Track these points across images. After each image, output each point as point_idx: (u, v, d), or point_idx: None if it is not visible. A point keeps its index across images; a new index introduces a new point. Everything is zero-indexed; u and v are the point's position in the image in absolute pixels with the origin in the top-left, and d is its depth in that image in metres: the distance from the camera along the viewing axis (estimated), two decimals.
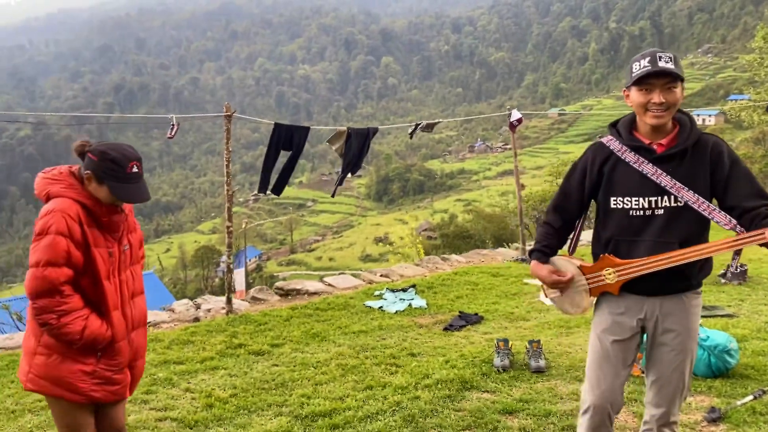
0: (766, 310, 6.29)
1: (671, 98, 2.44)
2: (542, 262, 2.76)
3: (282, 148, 6.86)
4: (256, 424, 3.90)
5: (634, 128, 2.60)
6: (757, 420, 3.66)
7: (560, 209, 2.79)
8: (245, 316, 6.66)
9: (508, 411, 3.93)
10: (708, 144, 2.52)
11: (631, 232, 2.55)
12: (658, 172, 2.48)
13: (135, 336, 2.71)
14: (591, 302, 2.73)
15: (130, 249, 2.71)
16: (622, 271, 2.55)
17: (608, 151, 2.62)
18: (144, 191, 2.56)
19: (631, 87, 2.50)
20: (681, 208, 2.48)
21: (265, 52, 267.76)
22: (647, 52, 2.48)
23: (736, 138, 56.60)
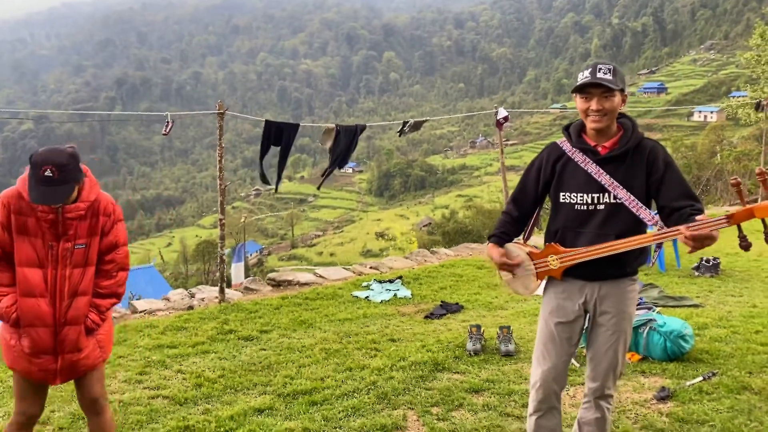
0: (731, 301, 6.61)
1: (608, 106, 2.72)
2: (497, 245, 3.06)
3: (273, 143, 7.17)
4: (241, 401, 4.21)
5: (583, 131, 2.89)
6: (702, 398, 3.97)
7: (518, 201, 3.08)
8: (237, 304, 6.98)
9: (475, 390, 4.24)
10: (646, 148, 2.80)
11: (576, 224, 2.84)
12: (600, 172, 2.77)
13: (67, 331, 2.85)
14: (538, 285, 3.02)
15: (86, 249, 2.85)
16: (564, 258, 2.84)
17: (561, 151, 2.92)
18: (52, 196, 2.66)
19: (575, 93, 2.79)
20: (619, 205, 2.76)
21: (267, 46, 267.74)
22: (591, 64, 2.77)
23: (736, 135, 56.79)
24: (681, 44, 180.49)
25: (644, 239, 2.70)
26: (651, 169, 2.76)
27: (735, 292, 7.15)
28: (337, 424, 3.82)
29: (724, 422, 3.61)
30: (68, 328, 2.86)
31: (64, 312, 2.84)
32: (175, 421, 3.90)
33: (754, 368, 4.44)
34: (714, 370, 4.36)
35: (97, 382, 3.07)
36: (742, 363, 4.55)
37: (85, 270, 2.87)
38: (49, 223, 2.77)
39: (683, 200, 2.68)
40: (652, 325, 4.67)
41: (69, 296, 2.84)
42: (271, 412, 4.03)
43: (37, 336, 2.81)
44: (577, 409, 3.59)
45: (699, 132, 71.94)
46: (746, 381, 4.19)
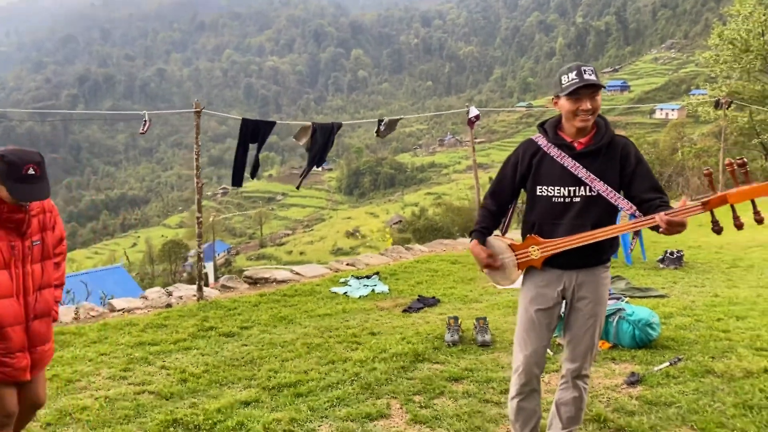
0: (694, 291, 6.91)
1: (595, 105, 2.90)
2: (480, 242, 3.22)
3: (250, 141, 7.22)
4: (227, 395, 4.30)
5: (559, 128, 3.06)
6: (669, 382, 4.19)
7: (496, 195, 3.24)
8: (215, 302, 7.03)
9: (455, 378, 4.40)
10: (619, 144, 2.99)
11: (553, 216, 3.01)
12: (577, 166, 2.94)
13: (37, 324, 2.97)
14: (519, 275, 3.19)
15: (42, 245, 2.99)
16: (544, 249, 3.01)
17: (536, 146, 3.08)
18: (40, 191, 2.79)
19: (561, 96, 2.93)
20: (594, 197, 2.94)
21: (233, 43, 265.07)
22: (573, 66, 2.91)
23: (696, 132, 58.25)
24: (643, 43, 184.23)
25: (623, 227, 2.89)
26: (624, 164, 2.94)
27: (697, 282, 7.47)
28: (323, 414, 3.93)
29: (689, 404, 3.83)
30: (38, 322, 2.97)
31: (33, 306, 2.94)
32: (163, 414, 3.97)
33: (716, 353, 4.69)
34: (679, 356, 4.59)
35: (44, 382, 3.18)
36: (705, 349, 4.80)
37: (43, 264, 3.00)
38: (15, 222, 2.84)
39: (652, 192, 2.88)
40: (621, 314, 4.89)
41: (34, 291, 2.95)
42: (257, 405, 4.13)
43: (14, 334, 2.87)
44: (551, 394, 3.78)
45: (661, 129, 73.66)
46: (709, 365, 4.43)
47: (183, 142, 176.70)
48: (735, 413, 3.67)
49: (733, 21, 31.51)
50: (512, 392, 3.17)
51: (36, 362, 2.99)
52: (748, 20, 30.46)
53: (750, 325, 5.37)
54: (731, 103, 21.53)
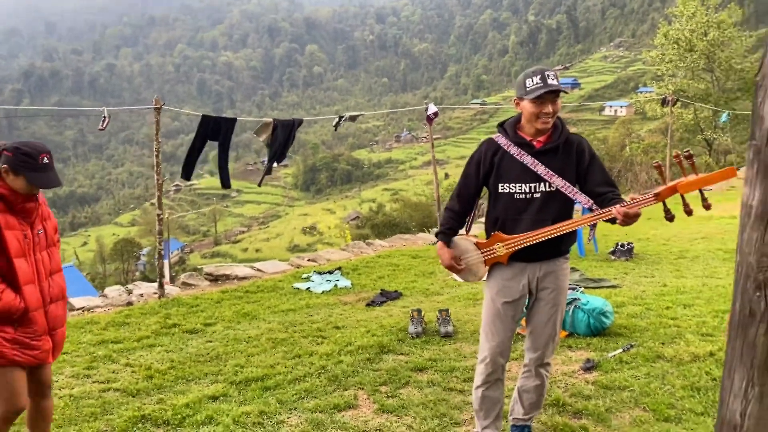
0: (645, 281, 7.22)
1: (556, 108, 3.04)
2: (446, 243, 3.33)
3: (210, 138, 7.19)
4: (194, 390, 4.33)
5: (518, 128, 3.20)
6: (623, 368, 4.41)
7: (462, 196, 3.34)
8: (177, 299, 7.00)
9: (419, 368, 4.53)
10: (574, 142, 3.15)
11: (515, 212, 3.14)
12: (536, 163, 3.08)
13: (54, 308, 3.11)
14: (486, 271, 3.32)
15: (45, 233, 3.12)
16: (509, 244, 3.15)
17: (497, 145, 3.21)
18: (56, 178, 2.98)
19: (524, 98, 3.04)
20: (553, 193, 3.09)
21: (186, 38, 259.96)
22: (537, 71, 3.03)
23: (644, 128, 59.95)
24: (593, 41, 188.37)
25: (583, 221, 3.05)
26: (579, 160, 3.10)
27: (647, 273, 7.79)
28: (292, 406, 4.01)
29: (641, 387, 4.05)
30: (54, 306, 3.11)
31: (47, 291, 3.07)
32: (130, 411, 3.98)
33: (666, 339, 4.94)
34: (632, 343, 4.83)
35: (49, 371, 3.26)
36: (656, 335, 5.05)
37: (49, 251, 3.14)
38: (28, 211, 2.98)
39: (605, 187, 3.05)
40: (576, 303, 5.09)
41: (47, 277, 3.08)
42: (225, 399, 4.17)
43: (39, 318, 3.00)
44: (512, 381, 3.94)
45: (610, 126, 75.44)
46: (660, 351, 4.67)
47: (134, 138, 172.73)
48: (683, 395, 3.90)
49: (677, 21, 32.59)
50: (477, 381, 3.30)
51: (56, 344, 3.15)
52: (692, 20, 31.56)
53: (696, 313, 5.66)
54: (677, 100, 22.30)
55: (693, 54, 31.46)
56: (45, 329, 3.05)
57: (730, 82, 32.40)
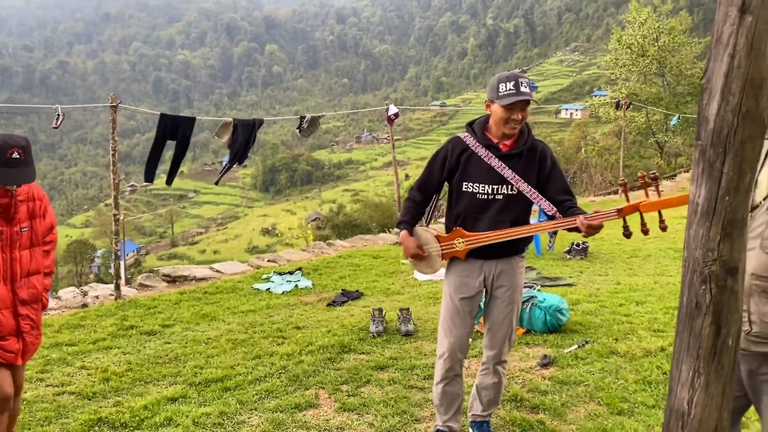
0: (599, 280, 7.41)
1: (525, 115, 3.10)
2: (410, 232, 3.38)
3: (169, 138, 7.09)
4: (153, 392, 4.27)
5: (487, 129, 3.26)
6: (578, 363, 4.53)
7: (423, 188, 3.40)
8: (134, 301, 6.88)
9: (380, 367, 4.56)
10: (538, 148, 3.23)
11: (476, 211, 3.20)
12: (503, 166, 3.14)
13: (26, 310, 3.01)
14: (443, 265, 3.38)
15: (31, 232, 3.01)
16: (469, 241, 3.21)
17: (465, 145, 3.25)
18: (25, 175, 2.85)
19: (495, 102, 3.08)
20: (515, 196, 3.16)
21: (141, 35, 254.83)
22: (511, 76, 3.07)
23: (598, 131, 61.38)
24: (549, 45, 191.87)
25: (545, 227, 3.14)
26: (542, 166, 3.18)
27: (601, 271, 8.00)
28: (253, 407, 3.99)
29: (596, 382, 4.16)
30: (27, 308, 3.02)
31: (20, 292, 2.98)
32: (86, 414, 3.90)
33: (619, 336, 5.09)
34: (587, 339, 4.96)
35: (21, 372, 3.17)
36: (610, 332, 5.19)
37: (32, 251, 3.04)
38: (2, 207, 2.89)
39: (564, 195, 3.15)
40: (533, 301, 5.21)
41: (22, 277, 2.99)
42: (184, 400, 4.12)
43: (4, 319, 2.92)
44: (471, 378, 4.01)
45: (566, 128, 77.01)
46: (613, 346, 4.81)
47: (88, 137, 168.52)
48: (636, 389, 4.03)
49: (630, 27, 33.49)
50: (437, 377, 3.35)
51: (27, 347, 3.06)
52: (643, 26, 32.47)
53: (648, 309, 5.84)
54: (630, 104, 22.91)
55: (645, 59, 32.37)
56: (11, 330, 2.96)
57: (680, 87, 33.43)
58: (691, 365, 1.58)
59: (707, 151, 1.51)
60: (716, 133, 1.49)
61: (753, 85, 1.45)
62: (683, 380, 1.60)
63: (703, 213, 1.54)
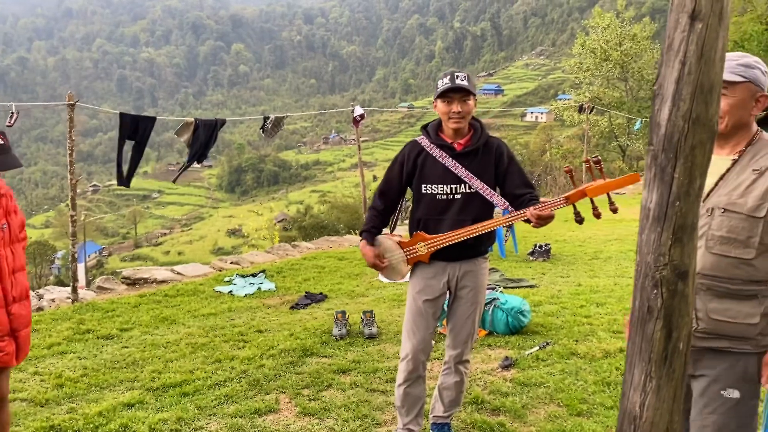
0: (561, 281, 7.50)
1: (466, 108, 3.12)
2: (370, 242, 3.36)
3: (128, 137, 6.94)
4: (108, 398, 4.16)
5: (440, 130, 3.27)
6: (539, 364, 4.56)
7: (384, 194, 3.40)
8: (92, 304, 6.71)
9: (342, 370, 4.53)
10: (494, 144, 3.25)
11: (437, 212, 3.21)
12: (457, 166, 3.16)
13: (17, 308, 2.94)
14: (408, 270, 3.37)
15: (9, 229, 2.94)
16: (431, 244, 3.20)
17: (420, 147, 3.27)
18: (13, 160, 2.84)
19: (437, 99, 3.15)
20: (473, 194, 3.17)
21: (105, 32, 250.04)
22: (448, 72, 3.15)
23: (563, 134, 62.29)
24: (515, 49, 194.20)
25: (498, 222, 3.14)
26: (498, 162, 3.20)
27: (563, 273, 8.10)
28: (211, 412, 3.92)
29: (557, 383, 4.20)
30: (18, 305, 2.94)
31: (10, 290, 2.90)
32: (38, 422, 3.78)
33: (579, 337, 5.15)
34: (548, 341, 5.00)
35: (6, 378, 3.08)
36: (570, 333, 5.25)
37: (13, 248, 2.96)
38: None
39: (523, 188, 3.17)
40: (496, 303, 5.23)
41: (9, 275, 2.91)
42: (141, 406, 4.03)
43: (1, 318, 2.85)
44: (433, 380, 4.01)
45: (531, 131, 77.97)
46: (574, 348, 4.86)
47: (48, 136, 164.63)
48: (595, 390, 4.07)
49: (593, 32, 34.11)
50: (400, 379, 3.34)
51: (20, 346, 2.98)
52: (606, 31, 33.10)
53: (608, 311, 5.92)
54: (593, 108, 23.30)
55: (608, 63, 33.01)
56: (7, 330, 2.88)
57: (642, 92, 34.18)
58: (643, 369, 1.59)
59: (659, 156, 1.52)
60: (667, 138, 1.50)
61: (703, 91, 1.47)
62: (635, 384, 1.61)
63: (654, 218, 1.55)
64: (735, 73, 2.08)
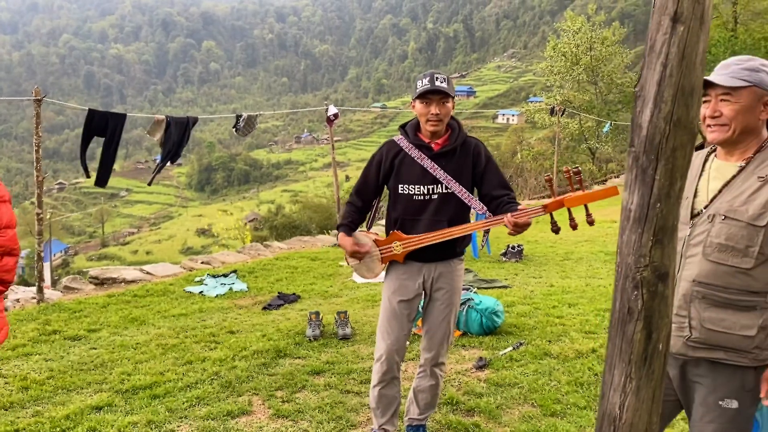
0: (533, 282, 7.56)
1: (444, 111, 3.12)
2: (348, 235, 3.33)
3: (97, 134, 6.78)
4: (76, 401, 4.06)
5: (418, 131, 3.26)
6: (513, 365, 4.58)
7: (361, 192, 3.38)
8: (58, 304, 6.56)
9: (316, 372, 4.49)
10: (471, 145, 3.25)
11: (413, 213, 3.20)
12: (434, 166, 3.15)
13: None
14: (382, 269, 3.35)
15: None
16: (406, 244, 3.19)
17: (398, 147, 3.25)
18: None
19: (416, 100, 3.14)
20: (450, 195, 3.17)
21: (72, 27, 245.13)
22: (428, 73, 3.14)
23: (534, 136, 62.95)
24: (488, 51, 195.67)
25: (475, 226, 3.14)
26: (476, 163, 3.20)
27: (536, 274, 8.16)
28: (183, 415, 3.84)
29: (530, 383, 4.22)
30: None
31: None
32: (2, 426, 3.67)
33: (552, 338, 5.19)
34: (521, 341, 5.03)
35: None
36: (543, 333, 5.28)
37: None
38: None
39: (501, 189, 3.16)
40: (470, 303, 5.24)
41: None
42: (110, 409, 3.94)
43: None
44: (408, 381, 4.00)
45: (503, 133, 78.64)
46: (547, 348, 4.89)
47: (12, 132, 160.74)
48: (569, 390, 4.10)
49: (564, 35, 34.55)
50: (374, 380, 3.31)
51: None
52: (577, 35, 33.56)
53: (580, 311, 5.98)
54: (564, 110, 23.58)
55: (579, 67, 33.45)
56: None
57: (611, 95, 34.70)
58: (623, 370, 1.59)
59: (640, 157, 1.53)
60: (649, 140, 1.51)
61: (684, 94, 1.47)
62: (615, 385, 1.61)
63: (635, 219, 1.55)
64: (738, 77, 2.03)
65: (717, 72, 2.10)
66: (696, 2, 1.45)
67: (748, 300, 2.02)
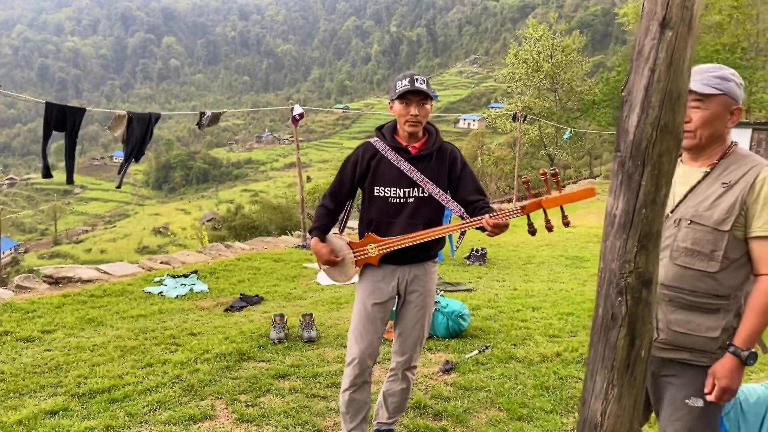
0: (497, 285, 7.61)
1: (423, 112, 3.10)
2: (321, 239, 3.28)
3: (56, 129, 6.55)
4: (29, 405, 3.89)
5: (396, 133, 3.23)
6: (479, 368, 4.58)
7: (335, 194, 3.32)
8: (10, 304, 6.30)
9: (281, 375, 4.40)
10: (447, 150, 3.23)
11: (389, 215, 3.16)
12: (412, 169, 3.12)
13: None
14: (356, 271, 3.30)
15: None
16: (381, 246, 3.15)
17: (375, 149, 3.21)
18: None
19: (395, 100, 3.11)
20: (426, 198, 3.14)
21: (26, 18, 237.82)
22: (407, 74, 3.11)
23: (494, 141, 63.67)
24: (450, 56, 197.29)
25: (452, 228, 3.12)
26: (452, 168, 3.19)
27: (499, 277, 8.22)
28: (143, 419, 3.72)
29: (496, 387, 4.22)
30: None
31: None
32: None
33: (517, 341, 5.21)
34: (487, 344, 5.04)
35: None
36: (508, 337, 5.31)
37: None
38: None
39: (476, 195, 3.16)
40: (436, 306, 5.23)
41: None
42: (66, 413, 3.79)
43: None
44: (377, 385, 3.95)
45: (464, 138, 79.25)
46: (512, 352, 4.91)
47: None
48: (534, 394, 4.12)
49: (526, 43, 35.08)
50: (345, 384, 3.26)
51: None
52: (539, 43, 34.10)
53: (544, 315, 6.04)
54: (525, 117, 23.90)
55: (539, 74, 33.99)
56: None
57: (570, 102, 35.36)
58: (605, 377, 1.58)
59: (626, 163, 1.52)
60: (635, 145, 1.50)
61: (671, 99, 1.47)
62: (597, 392, 1.60)
63: (620, 225, 1.54)
64: (710, 85, 2.08)
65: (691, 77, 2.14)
66: (684, 8, 1.45)
67: (713, 303, 2.08)
